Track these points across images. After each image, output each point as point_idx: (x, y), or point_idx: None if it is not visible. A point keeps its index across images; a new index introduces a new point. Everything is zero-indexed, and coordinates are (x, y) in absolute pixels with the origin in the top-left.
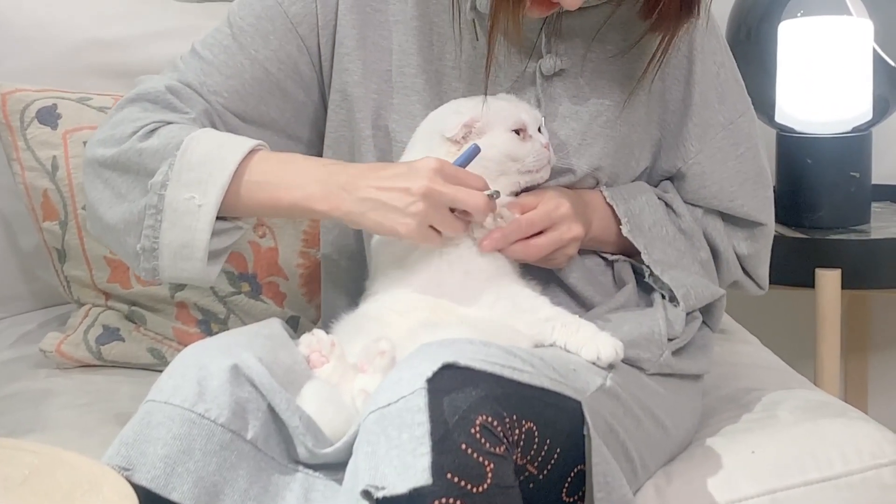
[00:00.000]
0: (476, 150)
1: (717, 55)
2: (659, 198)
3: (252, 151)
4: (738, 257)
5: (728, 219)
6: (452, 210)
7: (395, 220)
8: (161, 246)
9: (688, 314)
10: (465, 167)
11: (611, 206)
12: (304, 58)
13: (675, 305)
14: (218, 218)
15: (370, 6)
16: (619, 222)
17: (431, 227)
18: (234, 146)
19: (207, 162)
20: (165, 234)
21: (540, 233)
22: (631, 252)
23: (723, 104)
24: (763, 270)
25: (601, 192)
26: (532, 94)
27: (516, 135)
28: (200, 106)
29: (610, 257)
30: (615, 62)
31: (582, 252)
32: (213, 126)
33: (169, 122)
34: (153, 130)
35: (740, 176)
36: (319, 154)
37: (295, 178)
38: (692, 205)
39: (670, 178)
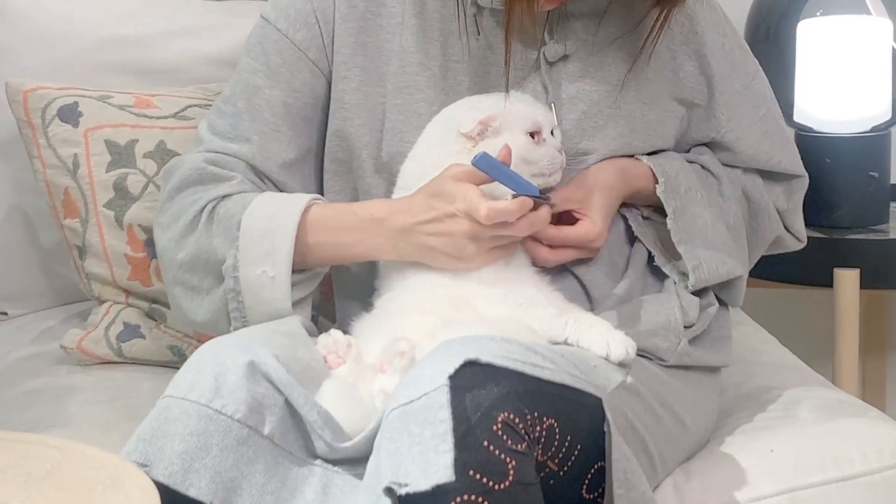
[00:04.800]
0: (485, 155)
1: (719, 26)
2: (693, 161)
3: (305, 210)
4: (779, 212)
5: (765, 175)
6: None
7: (455, 264)
8: (250, 322)
9: (701, 299)
10: (496, 175)
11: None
12: (319, 80)
13: (686, 287)
14: (293, 271)
15: (370, 11)
16: (656, 181)
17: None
18: (288, 212)
19: (268, 233)
20: (251, 312)
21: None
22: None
23: (735, 71)
24: (800, 223)
25: (636, 156)
26: (537, 80)
27: (531, 138)
28: (240, 166)
29: (635, 229)
30: (619, 43)
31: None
32: (260, 177)
33: (224, 196)
34: (213, 210)
35: (769, 136)
36: None
37: (352, 236)
38: (731, 166)
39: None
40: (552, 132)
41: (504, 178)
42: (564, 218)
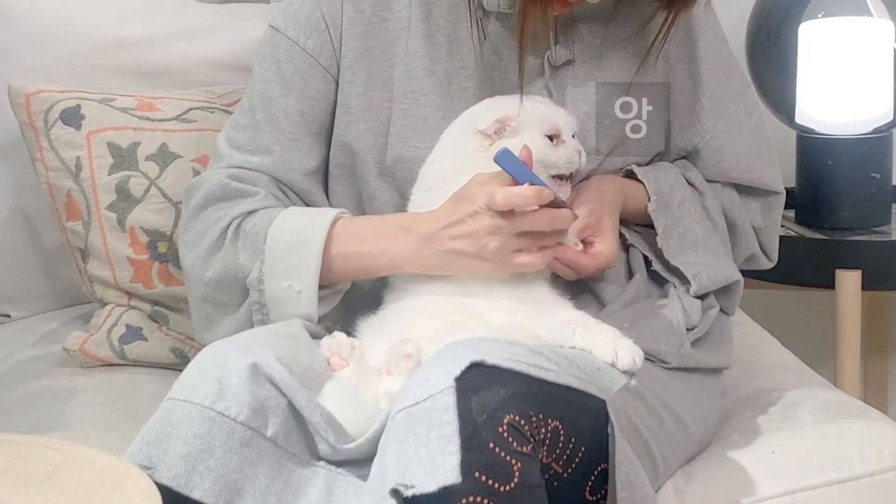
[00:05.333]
0: (506, 151)
1: (716, 31)
2: (681, 175)
3: (333, 223)
4: (755, 230)
5: (742, 191)
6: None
7: (479, 265)
8: None
9: (703, 301)
10: (515, 173)
11: (642, 183)
12: (331, 86)
13: (688, 290)
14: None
15: (377, 16)
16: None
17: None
18: (316, 225)
19: (294, 247)
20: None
21: None
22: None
23: (730, 77)
24: (775, 242)
25: (633, 169)
26: (541, 83)
27: (549, 140)
28: (263, 180)
29: (629, 238)
30: (623, 45)
31: None
32: (283, 190)
33: (249, 212)
34: (238, 227)
35: (757, 146)
36: None
37: (377, 245)
38: (709, 181)
39: (685, 157)
40: (574, 136)
41: (524, 178)
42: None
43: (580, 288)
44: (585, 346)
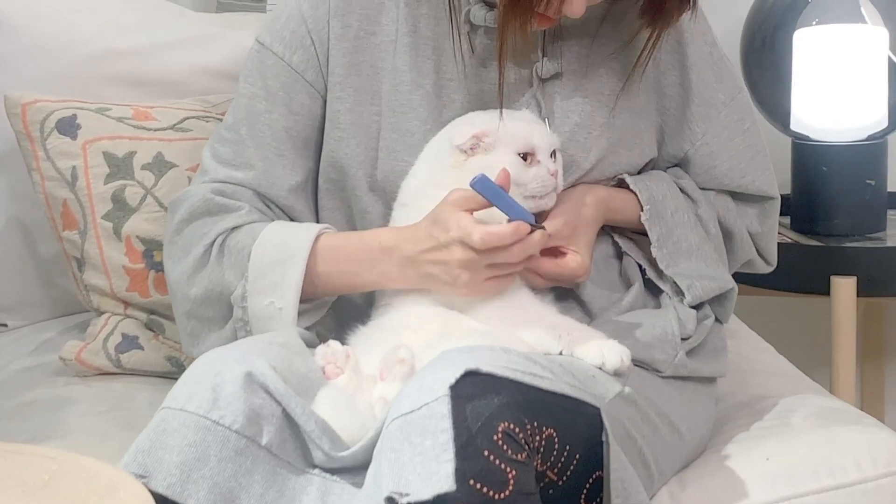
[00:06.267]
0: (483, 178)
1: (706, 35)
2: (674, 184)
3: (315, 239)
4: (751, 235)
5: (738, 197)
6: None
7: (452, 291)
8: None
9: (698, 311)
10: (493, 199)
11: (634, 193)
12: (316, 101)
13: (682, 300)
14: (301, 300)
15: (364, 30)
16: (642, 208)
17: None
18: (298, 242)
19: (278, 264)
20: None
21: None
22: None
23: (721, 82)
24: (773, 246)
25: (624, 178)
26: (530, 94)
27: (522, 160)
28: (247, 194)
29: (623, 245)
30: (612, 58)
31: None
32: (266, 203)
33: (234, 228)
34: (223, 243)
35: (750, 150)
36: None
37: (361, 265)
38: (703, 188)
39: (677, 165)
40: (553, 154)
41: (500, 203)
42: (550, 251)
43: (566, 295)
44: (572, 350)
